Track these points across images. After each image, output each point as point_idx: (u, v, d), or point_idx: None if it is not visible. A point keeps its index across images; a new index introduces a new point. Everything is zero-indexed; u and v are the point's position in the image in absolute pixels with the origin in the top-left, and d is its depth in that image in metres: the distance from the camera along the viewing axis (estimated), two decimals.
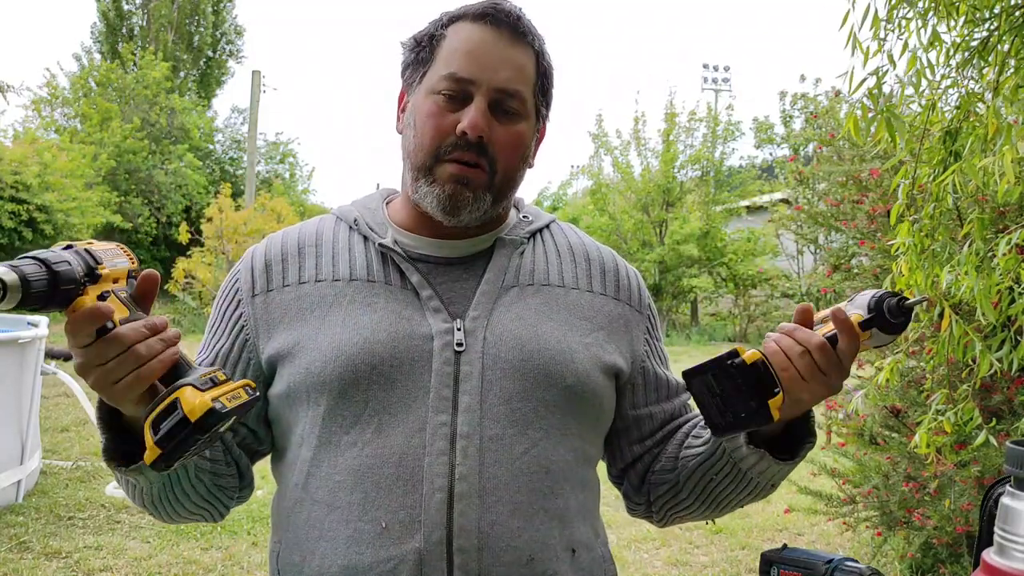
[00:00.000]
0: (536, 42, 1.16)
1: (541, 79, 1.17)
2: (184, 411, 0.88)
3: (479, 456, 1.07)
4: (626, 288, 1.25)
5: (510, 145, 1.13)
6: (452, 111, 1.11)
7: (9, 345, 4.91)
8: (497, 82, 1.11)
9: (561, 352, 1.12)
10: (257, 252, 1.21)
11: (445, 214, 1.13)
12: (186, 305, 15.74)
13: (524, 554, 1.07)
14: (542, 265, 1.20)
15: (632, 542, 4.76)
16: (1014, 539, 0.82)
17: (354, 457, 1.07)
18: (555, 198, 25.74)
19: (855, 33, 1.88)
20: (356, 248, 1.17)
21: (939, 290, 2.14)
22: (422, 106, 1.14)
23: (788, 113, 20.62)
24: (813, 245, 10.43)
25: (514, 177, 1.16)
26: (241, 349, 1.15)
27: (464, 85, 1.11)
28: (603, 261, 1.25)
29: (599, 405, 1.16)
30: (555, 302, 1.17)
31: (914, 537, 3.81)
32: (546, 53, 1.18)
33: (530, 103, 1.15)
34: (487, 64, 1.11)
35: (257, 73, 21.12)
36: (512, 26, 1.13)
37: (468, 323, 1.12)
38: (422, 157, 1.13)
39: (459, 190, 1.11)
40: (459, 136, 1.10)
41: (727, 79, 28.06)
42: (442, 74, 1.12)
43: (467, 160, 1.11)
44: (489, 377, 1.09)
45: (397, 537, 1.04)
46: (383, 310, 1.11)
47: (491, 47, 1.12)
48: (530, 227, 1.23)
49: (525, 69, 1.14)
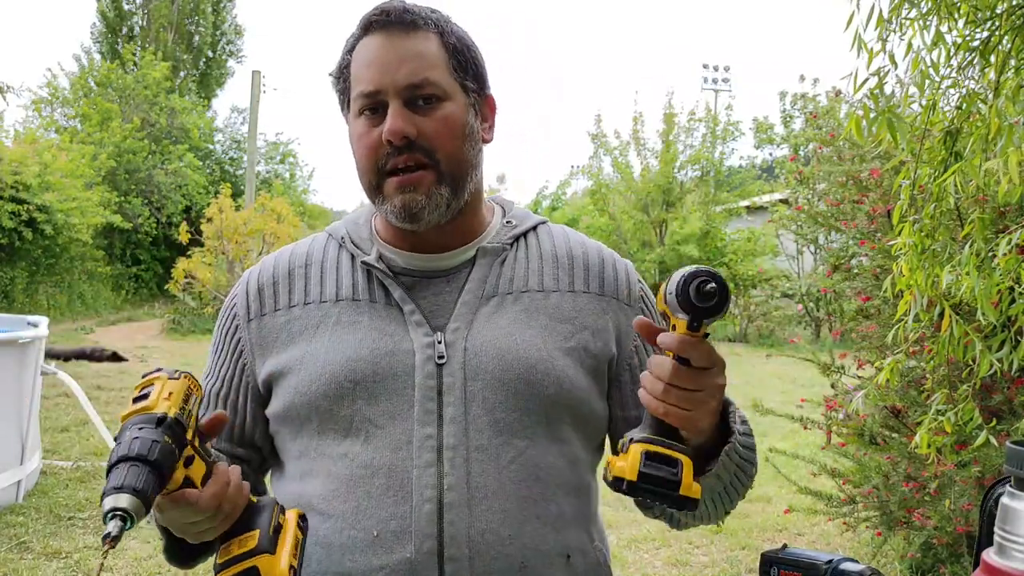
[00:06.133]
0: (432, 24, 1.15)
1: (454, 55, 1.15)
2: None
3: (466, 466, 1.08)
4: (612, 282, 1.23)
5: (441, 130, 1.12)
6: (376, 125, 1.12)
7: (9, 345, 4.91)
8: (400, 80, 1.11)
9: (541, 360, 1.13)
10: (252, 276, 1.24)
11: (406, 223, 1.14)
12: (186, 305, 15.74)
13: (516, 561, 1.08)
14: (523, 272, 1.20)
15: (632, 542, 4.75)
16: (1014, 539, 0.81)
17: (345, 467, 1.10)
18: (554, 198, 25.69)
19: (860, 34, 1.88)
20: (343, 267, 1.20)
21: (939, 290, 2.14)
22: (353, 133, 1.16)
23: (788, 113, 20.62)
24: (813, 245, 10.44)
25: (462, 158, 1.15)
26: (241, 373, 1.20)
27: (375, 97, 1.12)
28: (587, 258, 1.24)
29: (586, 410, 1.17)
30: (535, 308, 1.17)
31: (914, 537, 3.80)
32: (452, 30, 1.16)
33: (447, 83, 1.14)
34: (386, 68, 1.11)
35: (257, 73, 21.12)
36: (399, 20, 1.13)
37: (449, 335, 1.13)
38: (367, 178, 1.15)
39: (409, 198, 1.12)
40: (388, 145, 1.11)
41: (727, 79, 28.06)
42: (355, 95, 1.14)
43: (405, 164, 1.11)
44: (471, 388, 1.11)
45: (389, 546, 1.07)
46: (367, 328, 1.14)
47: (385, 51, 1.12)
48: (513, 232, 1.23)
49: (427, 54, 1.13)
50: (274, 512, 1.00)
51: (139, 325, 16.12)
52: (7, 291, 15.21)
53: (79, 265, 17.52)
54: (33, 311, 13.35)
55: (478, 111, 1.18)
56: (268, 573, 0.96)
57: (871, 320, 4.07)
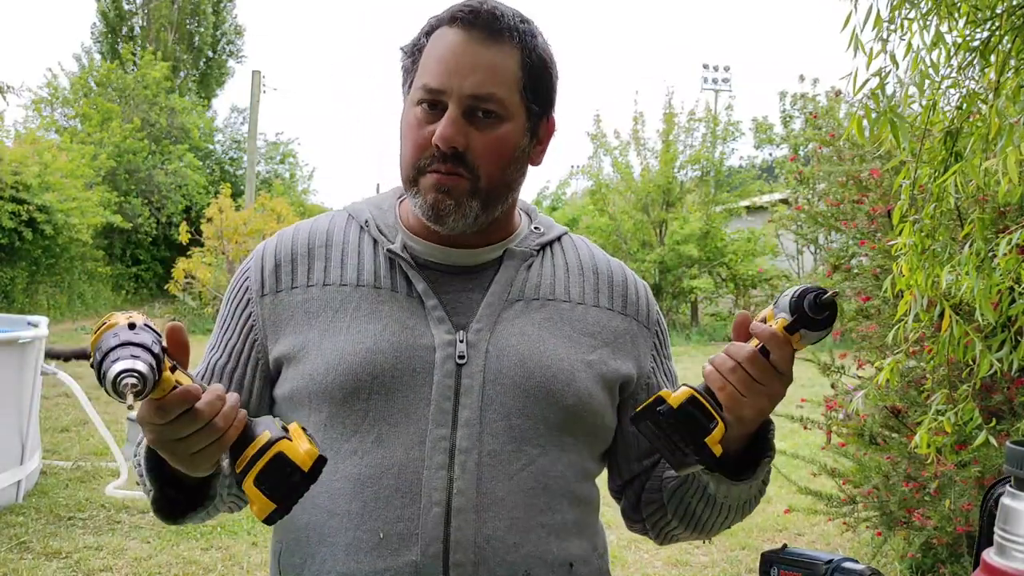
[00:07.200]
0: (518, 37, 1.10)
1: (529, 76, 1.12)
2: (297, 463, 0.93)
3: (477, 471, 1.07)
4: (634, 303, 1.23)
5: (490, 151, 1.10)
6: (430, 122, 1.09)
7: (9, 345, 4.91)
8: (467, 88, 1.07)
9: (563, 371, 1.12)
10: (268, 250, 1.20)
11: (432, 223, 1.12)
12: (186, 305, 15.74)
13: (520, 568, 1.07)
14: (549, 279, 1.18)
15: (632, 542, 4.75)
16: (1014, 539, 0.81)
17: (354, 465, 1.08)
18: (554, 198, 25.67)
19: (857, 35, 1.88)
20: (365, 252, 1.17)
21: (939, 290, 2.14)
22: (406, 118, 1.13)
23: (788, 113, 20.61)
24: (813, 245, 10.41)
25: (502, 181, 1.12)
26: (251, 348, 1.16)
27: (437, 95, 1.09)
28: (612, 275, 1.23)
29: (599, 423, 1.16)
30: (560, 318, 1.16)
31: (914, 537, 3.80)
32: (536, 47, 1.12)
33: (512, 103, 1.10)
34: (457, 70, 1.08)
35: (257, 73, 21.12)
36: (486, 25, 1.09)
37: (471, 335, 1.11)
38: (406, 170, 1.13)
39: (440, 199, 1.10)
40: (435, 148, 1.08)
41: (727, 79, 28.01)
42: (419, 85, 1.11)
43: (444, 171, 1.09)
44: (489, 392, 1.10)
45: (394, 548, 1.06)
46: (387, 318, 1.11)
47: (462, 52, 1.09)
48: (540, 239, 1.21)
49: (501, 69, 1.09)
50: (275, 421, 0.98)
51: None
52: (7, 291, 15.21)
53: (79, 265, 17.52)
54: (33, 311, 13.34)
55: (534, 134, 1.16)
56: (295, 454, 0.93)
57: (871, 320, 4.07)
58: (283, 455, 0.93)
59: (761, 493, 1.17)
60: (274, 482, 0.93)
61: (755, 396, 1.02)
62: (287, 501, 0.94)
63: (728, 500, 1.14)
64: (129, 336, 0.86)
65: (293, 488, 0.94)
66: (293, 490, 0.94)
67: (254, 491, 0.93)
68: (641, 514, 1.26)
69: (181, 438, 0.92)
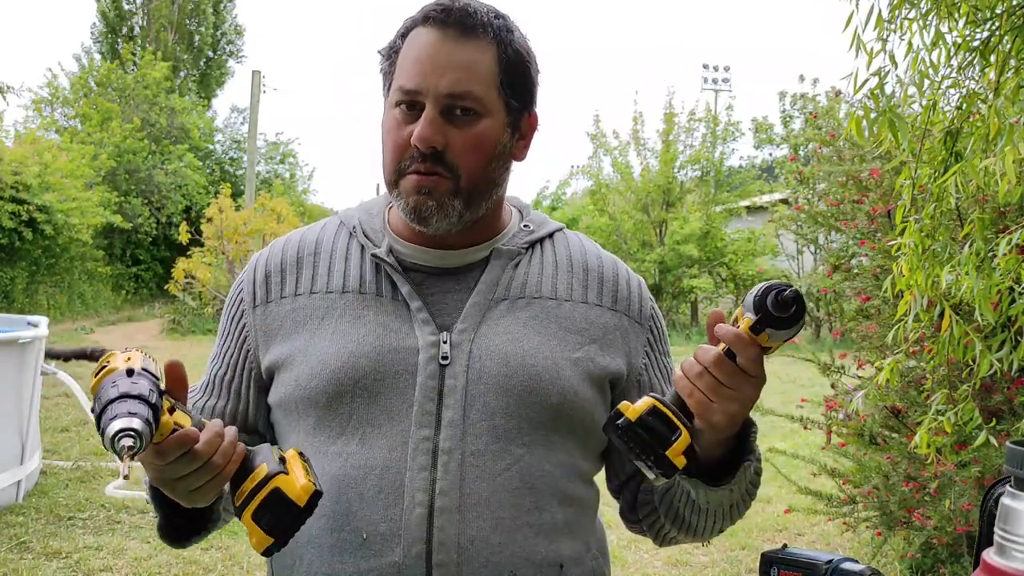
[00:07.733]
0: (493, 33, 1.10)
1: (506, 71, 1.11)
2: (293, 499, 0.96)
3: (460, 471, 1.07)
4: (625, 298, 1.22)
5: (469, 148, 1.09)
6: (409, 123, 1.09)
7: (9, 345, 4.91)
8: (443, 87, 1.07)
9: (547, 369, 1.11)
10: (260, 261, 1.22)
11: (415, 224, 1.13)
12: (186, 305, 15.74)
13: (505, 569, 1.07)
14: (536, 277, 1.17)
15: (632, 542, 4.75)
16: (1014, 539, 0.81)
17: (339, 467, 1.09)
18: (554, 198, 25.66)
19: (859, 34, 1.88)
20: (352, 257, 1.18)
21: (939, 290, 2.14)
22: (385, 121, 1.13)
23: (788, 113, 20.60)
24: (813, 245, 10.43)
25: (484, 179, 1.12)
26: (245, 358, 1.19)
27: (414, 96, 1.08)
28: (602, 271, 1.22)
29: (588, 421, 1.15)
30: (546, 315, 1.15)
31: (914, 537, 3.80)
32: (512, 42, 1.11)
33: (489, 100, 1.10)
34: (432, 70, 1.08)
35: (257, 73, 21.12)
36: (459, 23, 1.09)
37: (455, 336, 1.11)
38: (388, 173, 1.13)
39: (422, 200, 1.10)
40: (414, 149, 1.08)
41: (727, 79, 28.01)
42: (396, 87, 1.11)
43: (424, 171, 1.09)
44: (473, 392, 1.09)
45: (377, 549, 1.06)
46: (371, 323, 1.12)
47: (436, 51, 1.08)
48: (529, 237, 1.21)
49: (477, 66, 1.09)
50: (273, 451, 1.00)
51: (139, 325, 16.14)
52: (7, 291, 15.20)
53: (79, 265, 17.52)
54: (33, 311, 13.34)
55: (516, 129, 1.15)
56: (291, 489, 0.96)
57: (871, 320, 4.07)
58: (279, 491, 0.96)
59: (750, 496, 1.15)
60: (271, 518, 0.96)
61: (724, 401, 1.00)
62: (284, 536, 0.97)
63: (711, 506, 1.13)
64: (127, 387, 0.88)
65: (290, 523, 0.97)
66: (290, 525, 0.97)
67: (252, 525, 0.97)
68: (638, 515, 1.25)
69: (180, 477, 0.95)
